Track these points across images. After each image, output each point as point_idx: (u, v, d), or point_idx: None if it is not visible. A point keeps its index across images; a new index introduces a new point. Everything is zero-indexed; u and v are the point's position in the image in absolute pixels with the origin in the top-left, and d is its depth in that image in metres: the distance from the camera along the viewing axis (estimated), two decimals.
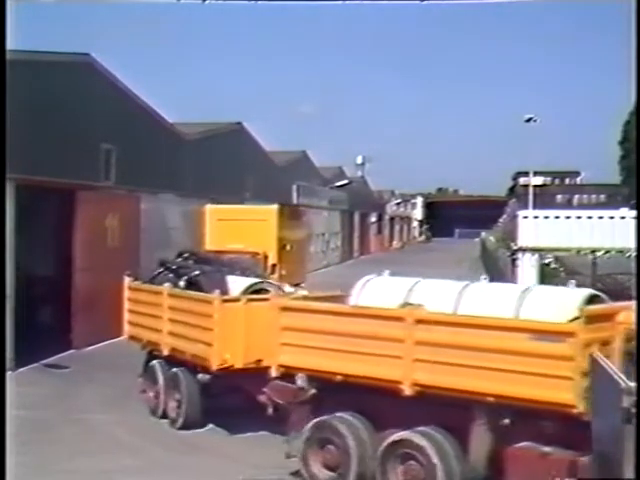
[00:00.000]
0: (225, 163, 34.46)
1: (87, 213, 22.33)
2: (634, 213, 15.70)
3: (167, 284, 15.80)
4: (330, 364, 11.39)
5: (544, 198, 67.10)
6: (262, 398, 13.66)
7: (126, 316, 17.39)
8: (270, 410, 13.54)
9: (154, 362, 16.11)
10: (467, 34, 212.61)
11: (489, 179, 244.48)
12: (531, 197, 50.16)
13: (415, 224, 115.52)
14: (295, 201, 48.43)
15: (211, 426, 14.89)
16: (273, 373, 12.36)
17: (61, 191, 22.00)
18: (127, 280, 17.48)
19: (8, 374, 15.56)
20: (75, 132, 22.42)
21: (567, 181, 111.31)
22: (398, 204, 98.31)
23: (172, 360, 15.45)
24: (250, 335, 13.76)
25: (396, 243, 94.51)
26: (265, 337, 12.86)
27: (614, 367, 8.42)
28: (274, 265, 23.15)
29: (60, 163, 21.44)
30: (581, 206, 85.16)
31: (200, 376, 14.71)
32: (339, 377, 11.29)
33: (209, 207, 24.85)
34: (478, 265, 52.96)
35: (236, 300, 14.37)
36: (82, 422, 15.47)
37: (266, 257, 22.96)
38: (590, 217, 15.83)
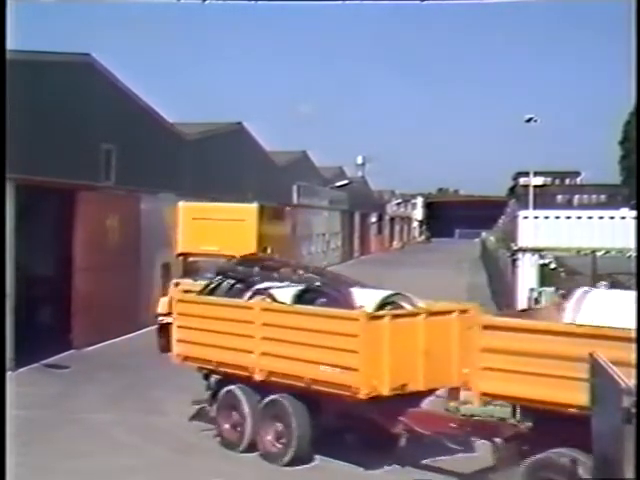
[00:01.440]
0: (225, 163, 34.46)
1: (87, 213, 22.33)
2: (634, 213, 15.66)
3: (259, 297, 13.44)
4: (555, 394, 9.64)
5: (544, 198, 67.19)
6: (396, 428, 12.13)
7: (177, 334, 14.70)
8: (403, 441, 12.18)
9: (233, 388, 13.60)
10: (467, 34, 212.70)
11: (489, 179, 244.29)
12: (531, 197, 50.16)
13: (415, 224, 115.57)
14: (295, 201, 48.49)
15: (325, 459, 12.86)
16: (475, 403, 10.75)
17: (61, 191, 22.00)
18: (176, 291, 15.10)
19: (8, 374, 15.59)
20: (75, 132, 22.41)
21: (567, 181, 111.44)
22: (398, 204, 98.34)
23: (266, 386, 13.03)
24: (395, 357, 11.86)
25: (396, 243, 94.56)
26: (410, 358, 11.74)
27: (614, 367, 8.41)
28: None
29: (60, 163, 21.43)
30: (581, 206, 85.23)
31: (309, 403, 12.61)
32: (572, 410, 9.35)
33: (182, 205, 23.19)
34: (478, 265, 53.00)
35: (381, 317, 12.03)
36: (82, 422, 15.45)
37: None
38: (590, 217, 15.80)
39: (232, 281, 14.56)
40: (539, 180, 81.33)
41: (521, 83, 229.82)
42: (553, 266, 28.45)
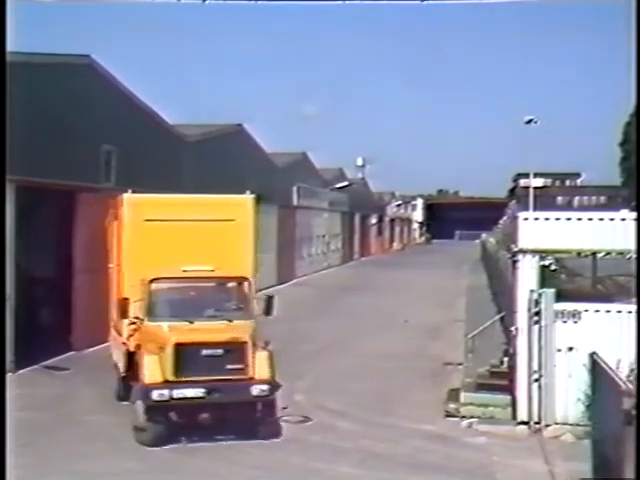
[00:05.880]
0: (225, 164, 34.46)
1: (87, 215, 22.32)
2: (634, 215, 15.63)
3: None
4: None
5: (544, 200, 67.03)
6: None
7: None
8: None
9: None
10: (467, 34, 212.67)
11: (489, 181, 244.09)
12: (531, 199, 50.09)
13: (415, 226, 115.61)
14: (295, 202, 48.48)
15: None
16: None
17: (61, 192, 22.00)
18: None
19: (8, 376, 15.59)
20: (75, 134, 22.42)
21: (567, 183, 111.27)
22: (398, 206, 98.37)
23: None
24: None
25: (396, 245, 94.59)
26: None
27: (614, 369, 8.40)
28: (270, 298, 15.46)
29: (60, 164, 21.44)
30: (581, 208, 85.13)
31: None
32: None
33: (128, 197, 16.27)
34: (479, 267, 52.98)
35: None
36: (82, 424, 15.44)
37: (249, 284, 15.33)
38: (590, 219, 15.73)
39: None
40: (539, 181, 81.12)
41: (521, 83, 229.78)
42: (553, 267, 28.47)
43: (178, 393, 13.45)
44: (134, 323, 14.75)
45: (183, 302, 14.85)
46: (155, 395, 13.42)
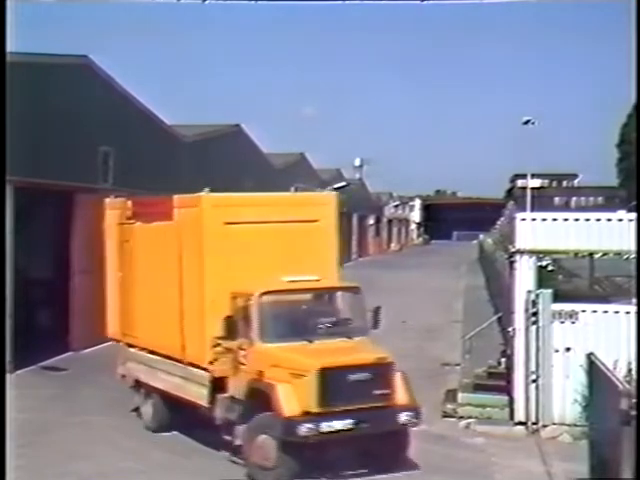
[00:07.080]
0: (223, 165, 34.45)
1: (85, 215, 22.31)
2: (632, 215, 15.67)
3: None
4: None
5: (542, 200, 67.14)
6: None
7: None
8: None
9: None
10: (467, 34, 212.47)
11: (487, 181, 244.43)
12: (529, 199, 50.16)
13: (413, 226, 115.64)
14: None
15: None
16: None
17: (59, 193, 22.00)
18: None
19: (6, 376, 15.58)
20: (73, 134, 22.42)
21: (565, 183, 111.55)
22: (396, 206, 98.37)
23: None
24: None
25: (394, 245, 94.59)
26: None
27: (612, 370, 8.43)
28: (377, 309, 13.95)
29: (58, 165, 21.44)
30: (579, 208, 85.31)
31: None
32: None
33: (207, 197, 14.10)
34: (476, 268, 53.02)
35: None
36: (80, 424, 15.45)
37: (360, 295, 13.96)
38: (588, 219, 15.77)
39: None
40: (536, 182, 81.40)
41: (519, 84, 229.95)
42: (551, 268, 28.54)
43: (326, 426, 11.73)
44: (219, 344, 12.81)
45: (293, 318, 13.06)
46: (302, 430, 11.58)
